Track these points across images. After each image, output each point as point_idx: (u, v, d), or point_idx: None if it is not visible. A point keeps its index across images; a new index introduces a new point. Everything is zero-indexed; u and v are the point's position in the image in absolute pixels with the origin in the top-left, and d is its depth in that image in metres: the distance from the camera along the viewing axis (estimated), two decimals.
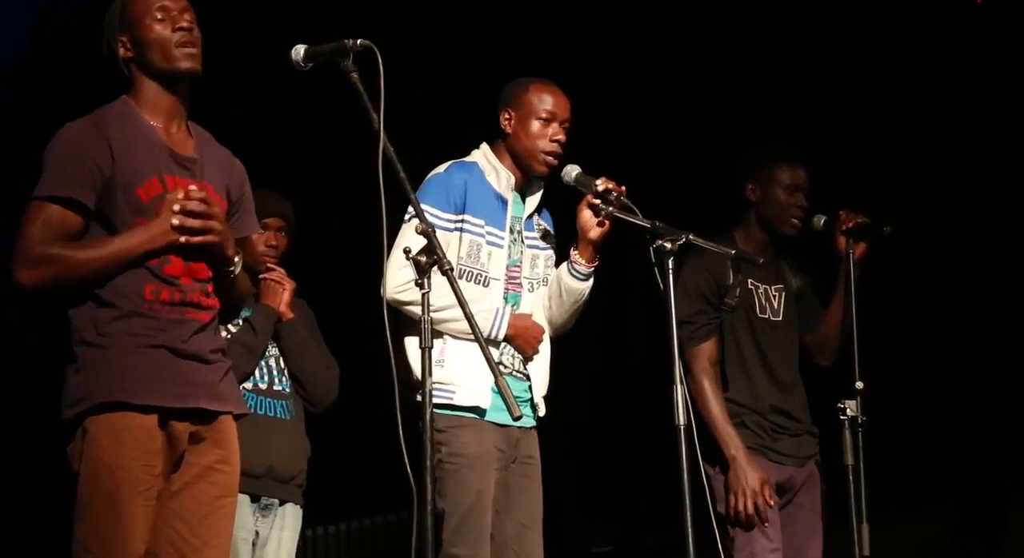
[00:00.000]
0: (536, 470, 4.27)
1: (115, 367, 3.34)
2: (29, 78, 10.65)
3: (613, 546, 9.56)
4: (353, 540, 10.87)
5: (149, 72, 3.51)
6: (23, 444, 8.40)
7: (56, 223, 3.35)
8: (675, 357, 3.95)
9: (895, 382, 6.29)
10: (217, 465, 3.47)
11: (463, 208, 4.19)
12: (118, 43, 3.52)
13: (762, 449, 4.73)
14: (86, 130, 3.43)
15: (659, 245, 4.00)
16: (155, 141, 3.48)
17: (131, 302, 3.37)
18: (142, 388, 3.34)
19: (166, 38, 3.48)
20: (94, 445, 3.32)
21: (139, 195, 3.41)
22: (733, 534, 4.64)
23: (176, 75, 3.51)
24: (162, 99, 3.52)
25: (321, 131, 7.95)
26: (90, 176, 3.37)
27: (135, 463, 3.32)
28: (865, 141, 7.37)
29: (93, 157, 3.38)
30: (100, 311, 3.36)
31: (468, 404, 4.12)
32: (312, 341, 4.92)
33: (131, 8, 3.52)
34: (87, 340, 3.36)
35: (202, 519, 3.44)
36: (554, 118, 4.29)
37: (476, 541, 4.04)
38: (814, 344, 4.95)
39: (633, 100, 8.03)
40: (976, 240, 7.31)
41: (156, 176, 3.43)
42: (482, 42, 7.83)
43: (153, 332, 3.38)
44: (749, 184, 4.88)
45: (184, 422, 3.41)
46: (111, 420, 3.33)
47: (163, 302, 3.40)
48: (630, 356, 9.03)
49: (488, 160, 4.32)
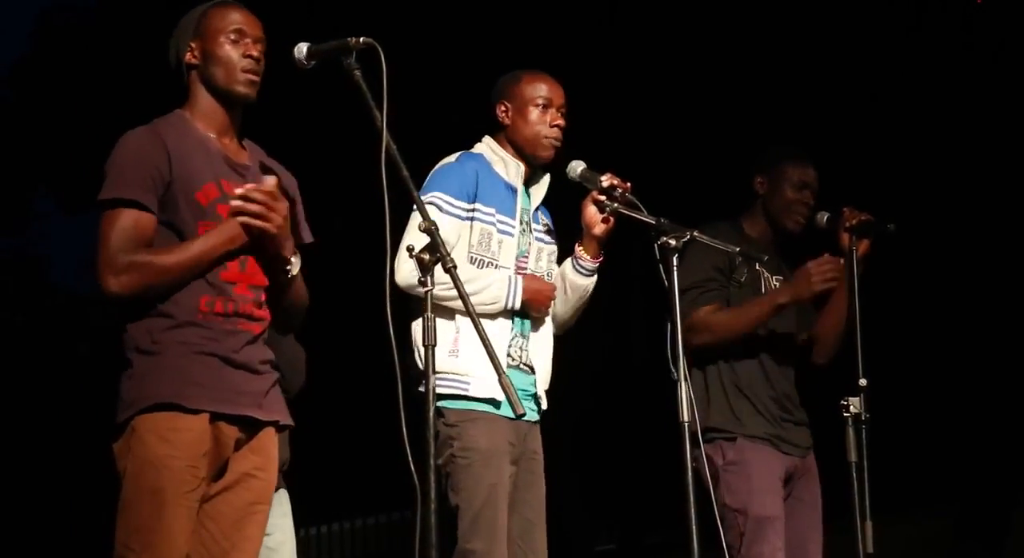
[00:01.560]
0: (540, 465, 4.27)
1: (167, 371, 3.39)
2: (31, 78, 10.66)
3: (616, 544, 9.57)
4: (357, 538, 10.88)
5: (208, 85, 3.58)
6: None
7: (133, 229, 3.41)
8: (679, 354, 3.95)
9: (899, 380, 6.29)
10: (254, 472, 3.50)
11: (475, 197, 4.19)
12: (187, 48, 3.59)
13: (775, 440, 4.74)
14: (144, 137, 3.50)
15: (663, 242, 4.01)
16: (211, 149, 3.56)
17: (186, 312, 3.42)
18: (193, 392, 3.39)
19: (234, 59, 3.56)
20: (141, 443, 3.35)
21: (198, 199, 3.47)
22: (743, 530, 4.63)
23: (232, 96, 3.58)
24: (216, 112, 3.59)
25: (323, 129, 7.96)
26: (151, 181, 3.44)
27: (181, 463, 3.35)
28: (869, 139, 7.38)
29: (153, 162, 3.45)
30: (155, 321, 3.42)
31: (483, 396, 4.11)
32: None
33: (210, 20, 3.59)
34: (141, 348, 3.41)
35: (234, 523, 3.47)
36: (551, 104, 4.31)
37: (491, 536, 4.04)
38: (810, 343, 4.95)
39: (639, 97, 8.03)
40: (980, 239, 7.32)
41: (213, 181, 3.50)
42: (485, 39, 7.84)
43: (206, 341, 3.43)
44: (758, 177, 4.92)
45: (232, 428, 3.45)
46: (160, 419, 3.36)
47: (217, 313, 3.45)
48: (632, 353, 9.04)
49: (494, 151, 4.33)
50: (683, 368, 3.93)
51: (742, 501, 4.65)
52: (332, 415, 5.27)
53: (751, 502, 4.64)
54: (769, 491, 4.68)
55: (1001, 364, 7.36)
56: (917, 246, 6.46)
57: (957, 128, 7.24)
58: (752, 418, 4.73)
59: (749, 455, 4.69)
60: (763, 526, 4.62)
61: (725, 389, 4.75)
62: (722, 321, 4.73)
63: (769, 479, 4.69)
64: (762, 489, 4.67)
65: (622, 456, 9.08)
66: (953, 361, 7.44)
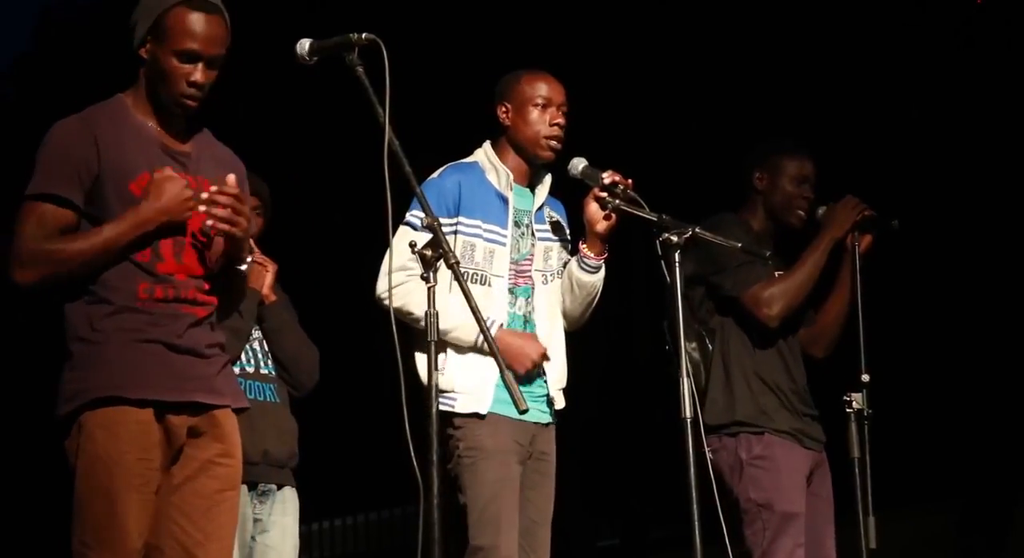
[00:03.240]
0: (551, 467, 4.28)
1: (109, 362, 3.35)
2: (32, 75, 10.66)
3: (620, 539, 9.57)
4: (360, 534, 10.88)
5: (150, 86, 3.50)
6: (25, 443, 8.41)
7: (48, 221, 3.37)
8: (681, 349, 3.95)
9: (902, 375, 6.29)
10: (218, 459, 3.47)
11: (457, 210, 4.19)
12: (143, 41, 3.49)
13: (799, 435, 4.72)
14: (72, 128, 3.44)
15: (665, 238, 4.00)
16: (146, 136, 3.48)
17: (124, 298, 3.38)
18: (136, 382, 3.35)
19: (178, 77, 3.45)
20: (90, 440, 3.33)
21: (132, 190, 3.41)
22: (766, 525, 4.60)
23: (166, 110, 3.50)
24: (156, 103, 3.52)
25: (325, 125, 7.95)
26: (76, 174, 3.39)
27: (130, 457, 3.33)
28: (870, 134, 7.37)
29: (79, 154, 3.39)
30: (94, 308, 3.38)
31: (469, 411, 4.13)
32: (294, 324, 4.91)
33: (169, 23, 3.45)
34: (82, 336, 3.38)
35: (204, 513, 3.44)
36: (550, 103, 4.29)
37: (496, 531, 4.04)
38: (810, 336, 4.93)
39: (640, 93, 8.03)
40: (984, 235, 7.31)
41: (147, 170, 3.43)
42: (487, 34, 7.83)
43: (147, 327, 3.39)
44: (756, 172, 4.89)
45: (181, 415, 3.41)
46: (106, 414, 3.33)
47: (156, 299, 3.41)
48: (636, 349, 9.03)
49: (488, 158, 4.33)
50: (684, 363, 3.92)
51: (768, 496, 4.61)
52: (334, 410, 5.27)
53: (778, 498, 4.61)
54: (795, 487, 4.66)
55: (1004, 359, 7.35)
56: (920, 241, 6.45)
57: (959, 123, 7.23)
58: (778, 412, 4.70)
59: (777, 450, 4.66)
60: (788, 522, 4.59)
61: (749, 382, 4.71)
62: (785, 285, 4.71)
63: (796, 476, 4.67)
64: (789, 486, 4.64)
65: (626, 451, 9.07)
66: (956, 356, 7.43)
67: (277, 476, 4.75)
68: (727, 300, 4.73)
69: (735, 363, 4.73)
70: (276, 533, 4.77)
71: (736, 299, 4.71)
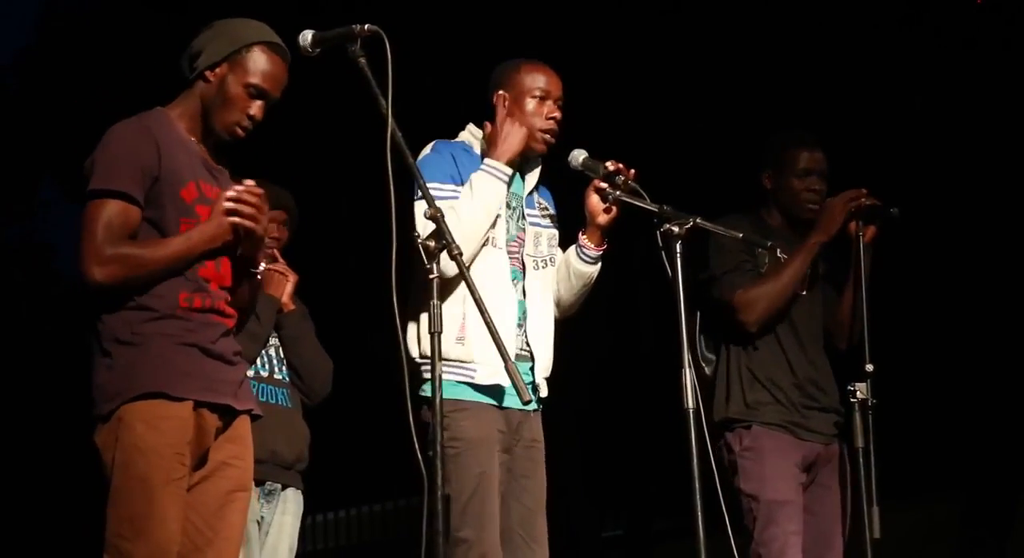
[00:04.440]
0: (541, 454, 4.26)
1: (152, 362, 3.42)
2: (36, 67, 10.66)
3: (624, 530, 9.59)
4: (364, 525, 10.91)
5: (206, 109, 3.60)
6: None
7: (119, 221, 3.44)
8: (683, 341, 3.94)
9: (906, 365, 6.29)
10: (231, 460, 3.54)
11: (460, 180, 4.16)
12: (214, 65, 3.58)
13: (791, 426, 4.73)
14: (136, 129, 3.52)
15: (667, 229, 3.99)
16: (191, 149, 3.60)
17: (166, 306, 3.47)
18: (179, 381, 3.43)
19: (239, 111, 3.57)
20: (129, 432, 3.38)
21: (183, 196, 3.51)
22: (756, 514, 4.63)
23: (217, 135, 3.61)
24: (201, 124, 3.62)
25: (327, 116, 7.95)
26: (141, 175, 3.47)
27: (169, 450, 3.38)
28: (876, 126, 7.37)
29: (143, 156, 3.48)
30: (135, 313, 3.45)
31: (488, 383, 4.08)
32: (311, 333, 5.00)
33: (249, 58, 3.58)
34: (121, 339, 3.44)
35: (215, 512, 3.50)
36: (548, 96, 4.27)
37: (481, 523, 4.03)
38: (831, 328, 4.94)
39: (642, 85, 8.02)
40: (988, 226, 7.31)
41: (193, 181, 3.54)
42: (489, 23, 7.83)
43: (186, 332, 3.47)
44: (765, 173, 4.90)
45: (214, 415, 3.49)
46: (148, 408, 3.39)
47: (195, 309, 3.50)
48: (640, 341, 9.04)
49: (473, 135, 4.30)
50: (687, 354, 3.92)
51: (756, 486, 4.64)
52: (340, 403, 5.29)
53: (764, 487, 4.64)
54: (782, 476, 4.67)
55: (1009, 350, 7.35)
56: (925, 232, 6.46)
57: (962, 117, 7.24)
58: (767, 407, 4.71)
59: (764, 442, 4.69)
60: (775, 510, 4.62)
61: (742, 378, 4.75)
62: (766, 288, 4.72)
63: (783, 465, 4.68)
64: (775, 474, 4.66)
65: (630, 443, 9.08)
66: (960, 347, 7.44)
67: (283, 476, 4.83)
68: (718, 305, 4.76)
69: (734, 360, 4.78)
70: (273, 531, 4.83)
71: (723, 305, 4.74)
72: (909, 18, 7.29)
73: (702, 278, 4.78)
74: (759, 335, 4.76)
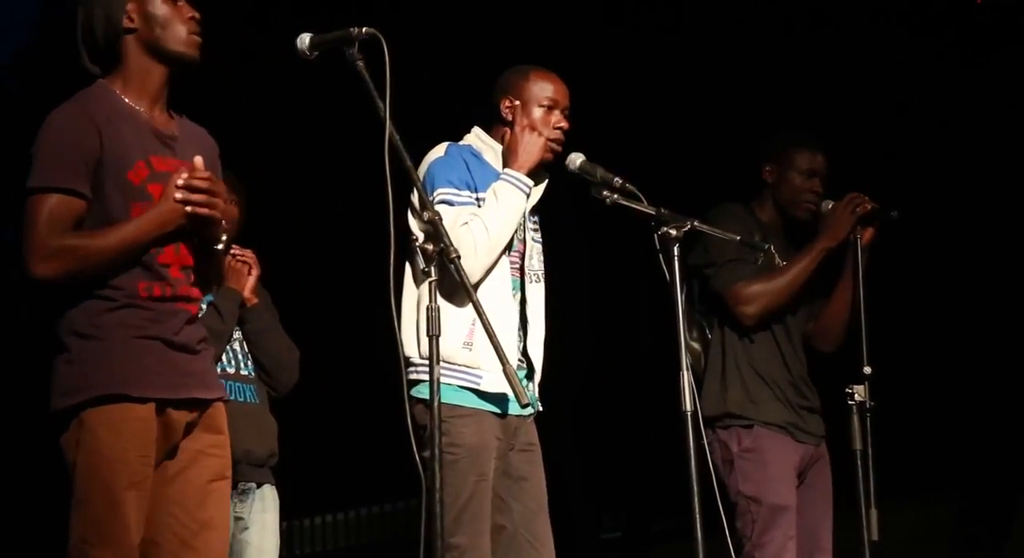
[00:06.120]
0: (537, 456, 4.25)
1: (112, 359, 3.34)
2: (35, 68, 10.65)
3: (623, 532, 9.58)
4: (351, 528, 10.90)
5: (149, 48, 3.48)
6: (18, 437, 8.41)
7: (61, 214, 3.34)
8: (681, 343, 3.95)
9: (903, 367, 6.29)
10: (208, 450, 3.48)
11: (475, 186, 4.15)
12: (122, 12, 3.48)
13: (792, 428, 4.74)
14: (74, 116, 3.41)
15: (664, 232, 4.00)
16: (139, 122, 3.46)
17: (124, 296, 3.38)
18: (140, 380, 3.35)
19: (179, 20, 3.46)
20: (92, 436, 3.31)
21: (130, 179, 3.40)
22: (756, 517, 4.63)
23: (182, 60, 3.49)
24: (150, 80, 3.50)
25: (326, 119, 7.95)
26: (83, 164, 3.36)
27: (132, 455, 3.32)
28: (873, 127, 7.37)
29: (84, 143, 3.36)
30: (93, 303, 3.37)
31: (493, 390, 4.08)
32: (275, 325, 4.93)
33: None
34: (80, 331, 3.36)
35: (198, 503, 3.44)
36: (556, 105, 4.25)
37: (475, 530, 4.03)
38: (816, 331, 4.94)
39: (641, 87, 8.02)
40: (986, 228, 7.32)
41: (143, 158, 3.41)
42: (488, 26, 7.82)
43: (147, 323, 3.39)
44: (766, 166, 4.92)
45: (180, 411, 3.42)
46: (109, 412, 3.32)
47: (155, 298, 3.41)
48: (638, 343, 9.04)
49: (482, 140, 4.28)
50: (684, 357, 3.93)
51: (757, 489, 4.64)
52: (329, 405, 5.27)
53: (766, 491, 4.64)
54: (784, 480, 4.68)
55: (1006, 350, 7.35)
56: (922, 234, 6.46)
57: (962, 118, 7.24)
58: (771, 404, 4.73)
59: (766, 443, 4.69)
60: (776, 515, 4.62)
61: (742, 373, 4.75)
62: (770, 284, 4.73)
63: (784, 468, 4.69)
64: (777, 478, 4.67)
65: (629, 444, 9.08)
66: (958, 348, 7.44)
67: (257, 475, 4.79)
68: (715, 294, 4.76)
69: (731, 353, 4.78)
70: (256, 530, 4.80)
71: (721, 294, 4.74)
72: (909, 18, 7.29)
73: (698, 263, 4.77)
74: (754, 330, 4.77)
